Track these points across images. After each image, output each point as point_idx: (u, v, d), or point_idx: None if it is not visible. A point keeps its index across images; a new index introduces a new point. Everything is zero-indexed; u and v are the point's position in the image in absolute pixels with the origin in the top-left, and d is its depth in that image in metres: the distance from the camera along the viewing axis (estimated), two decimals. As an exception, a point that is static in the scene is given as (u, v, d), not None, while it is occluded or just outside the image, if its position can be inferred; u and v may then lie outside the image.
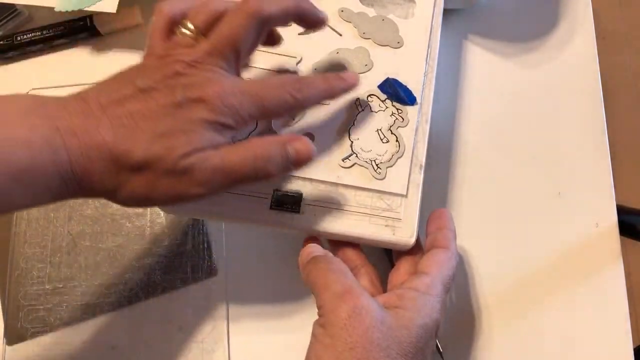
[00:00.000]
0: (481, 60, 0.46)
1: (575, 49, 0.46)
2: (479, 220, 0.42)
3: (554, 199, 0.42)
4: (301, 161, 0.30)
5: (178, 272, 0.41)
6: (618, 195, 0.42)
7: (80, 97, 0.29)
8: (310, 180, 0.35)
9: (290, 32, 0.38)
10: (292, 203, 0.34)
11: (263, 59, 0.38)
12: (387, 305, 0.31)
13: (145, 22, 0.48)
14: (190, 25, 0.30)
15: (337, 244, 0.36)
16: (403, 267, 0.35)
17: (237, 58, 0.30)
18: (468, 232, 0.41)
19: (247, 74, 0.37)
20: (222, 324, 0.40)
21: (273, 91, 0.30)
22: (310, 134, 0.36)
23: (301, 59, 0.38)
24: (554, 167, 0.43)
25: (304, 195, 0.35)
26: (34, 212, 0.42)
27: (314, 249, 0.34)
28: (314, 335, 0.30)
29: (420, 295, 0.31)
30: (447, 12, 0.41)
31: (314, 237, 0.35)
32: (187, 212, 0.36)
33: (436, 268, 0.32)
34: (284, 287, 0.40)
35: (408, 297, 0.31)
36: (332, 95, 0.33)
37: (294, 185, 0.35)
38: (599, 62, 0.45)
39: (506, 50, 0.46)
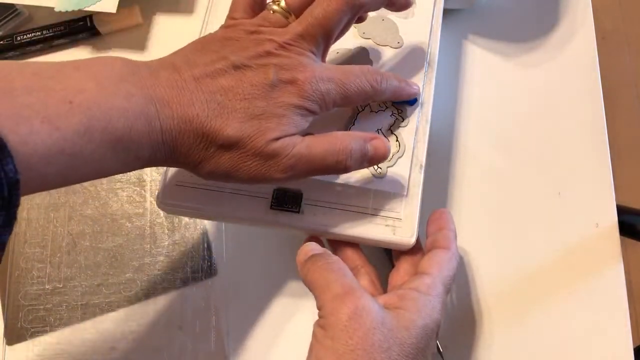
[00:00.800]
0: (481, 60, 0.46)
1: (575, 49, 0.46)
2: (478, 220, 0.42)
3: (554, 199, 0.42)
4: (377, 159, 0.32)
5: (178, 272, 0.41)
6: (618, 195, 0.42)
7: (173, 67, 0.29)
8: (311, 180, 0.35)
9: None
10: (292, 203, 0.34)
11: None
12: (388, 305, 0.30)
13: (146, 22, 0.48)
14: (283, 3, 0.30)
15: (337, 243, 0.36)
16: (403, 268, 0.35)
17: (327, 44, 0.31)
18: (468, 232, 0.41)
19: None
20: (222, 324, 0.40)
21: (355, 79, 0.31)
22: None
23: None
24: (554, 167, 0.43)
25: (304, 194, 0.35)
26: (34, 212, 0.42)
27: (313, 247, 0.34)
28: (314, 336, 0.30)
29: (421, 295, 0.31)
30: (447, 12, 0.41)
31: (315, 237, 0.35)
32: (188, 212, 0.36)
33: (437, 268, 0.32)
34: (284, 287, 0.40)
35: (409, 297, 0.31)
36: (400, 95, 0.34)
37: (294, 185, 0.35)
38: (599, 62, 0.45)
39: (506, 50, 0.46)
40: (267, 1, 0.32)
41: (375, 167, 0.35)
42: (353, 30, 0.39)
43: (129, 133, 0.26)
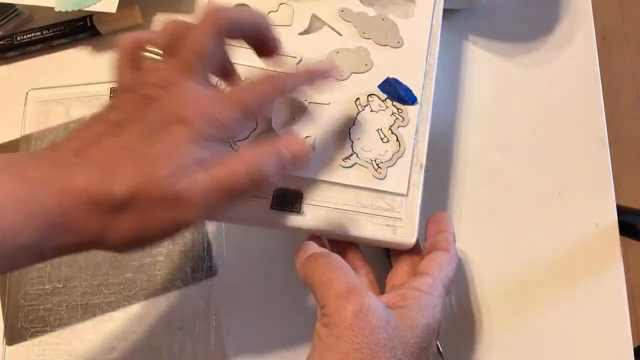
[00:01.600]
0: (481, 60, 0.46)
1: (575, 49, 0.46)
2: (478, 220, 0.42)
3: (554, 199, 0.42)
4: (298, 162, 0.29)
5: (178, 272, 0.41)
6: (618, 195, 0.42)
7: (53, 146, 0.27)
8: (311, 180, 0.35)
9: (290, 32, 0.38)
10: (292, 203, 0.34)
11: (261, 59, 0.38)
12: (390, 305, 0.30)
13: (145, 22, 0.48)
14: (155, 49, 0.29)
15: (336, 244, 0.36)
16: (401, 269, 0.35)
17: (208, 69, 0.29)
18: (468, 232, 0.41)
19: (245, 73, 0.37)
20: (222, 324, 0.40)
21: (251, 90, 0.30)
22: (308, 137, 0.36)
23: (301, 59, 0.38)
24: (554, 167, 0.43)
25: (304, 195, 0.35)
26: (34, 212, 0.42)
27: (312, 246, 0.34)
28: (317, 335, 0.30)
29: (423, 295, 0.31)
30: (447, 12, 0.41)
31: (316, 237, 0.35)
32: None
33: (437, 269, 0.32)
34: (283, 287, 0.40)
35: (411, 297, 0.31)
36: (314, 79, 0.32)
37: (294, 185, 0.35)
38: (599, 62, 0.45)
39: (506, 50, 0.46)
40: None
41: (376, 167, 0.35)
42: (353, 29, 0.39)
43: (1, 222, 0.24)
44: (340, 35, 0.39)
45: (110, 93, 0.45)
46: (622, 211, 0.42)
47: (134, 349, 0.39)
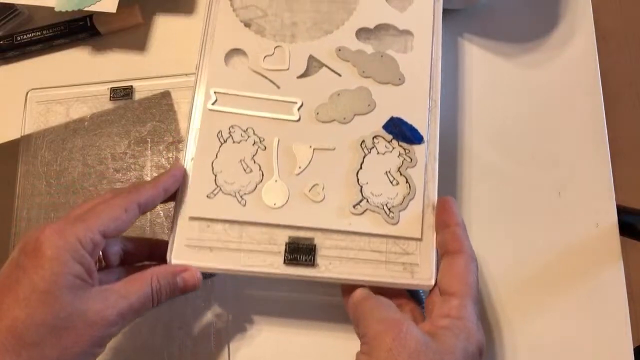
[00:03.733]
0: (481, 60, 0.46)
1: (575, 49, 0.46)
2: (478, 220, 0.42)
3: (554, 199, 0.42)
4: (188, 290, 0.33)
5: (178, 272, 0.41)
6: (618, 195, 0.42)
7: None
8: (323, 230, 0.34)
9: (288, 76, 0.38)
10: (306, 256, 0.34)
11: (264, 106, 0.37)
12: (427, 332, 0.30)
13: (146, 22, 0.48)
14: None
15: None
16: (434, 293, 0.34)
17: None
18: (467, 232, 0.41)
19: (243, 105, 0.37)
20: (222, 324, 0.39)
21: (106, 208, 0.31)
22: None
23: (302, 104, 0.37)
24: (554, 167, 0.43)
25: (317, 246, 0.34)
26: (34, 211, 0.42)
27: (366, 291, 0.34)
28: None
29: (454, 321, 0.31)
30: (447, 12, 0.41)
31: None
32: (202, 269, 0.35)
33: (459, 284, 0.32)
34: (284, 286, 0.40)
35: (443, 325, 0.31)
36: (168, 187, 0.34)
37: (306, 235, 0.34)
38: (599, 62, 0.45)
39: (506, 50, 0.46)
40: None
41: (387, 212, 0.35)
42: (352, 69, 0.38)
43: None
44: (340, 75, 0.38)
45: (112, 94, 0.45)
46: (622, 211, 0.42)
47: (133, 349, 0.39)
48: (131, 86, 0.45)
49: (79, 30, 0.46)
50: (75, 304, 0.29)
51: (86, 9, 0.44)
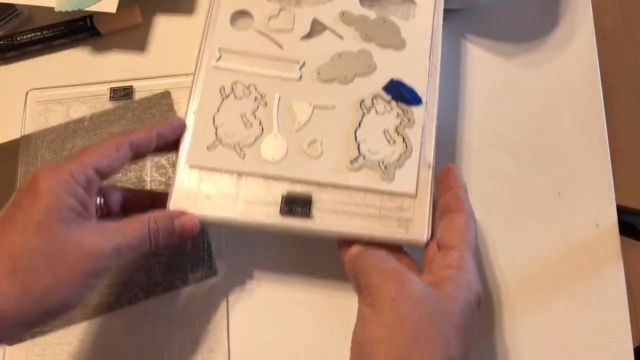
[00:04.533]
0: (481, 60, 0.46)
1: (575, 49, 0.46)
2: (478, 220, 0.42)
3: (554, 199, 0.42)
4: (186, 234, 0.34)
5: (178, 272, 0.41)
6: (618, 195, 0.42)
7: None
8: (319, 184, 0.35)
9: (292, 37, 0.38)
10: (302, 208, 0.34)
11: (267, 64, 0.38)
12: (428, 284, 0.31)
13: (146, 22, 0.48)
14: None
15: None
16: (431, 247, 0.35)
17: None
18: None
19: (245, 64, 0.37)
20: (222, 324, 0.40)
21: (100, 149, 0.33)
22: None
23: (304, 63, 0.38)
24: (554, 167, 0.43)
25: (313, 198, 0.35)
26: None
27: (360, 246, 0.34)
28: (360, 315, 0.31)
29: (455, 271, 0.31)
30: (447, 12, 0.41)
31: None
32: (200, 217, 0.35)
33: (459, 239, 0.32)
34: (283, 287, 0.40)
35: (444, 275, 0.31)
36: (159, 136, 0.35)
37: (302, 189, 0.35)
38: (599, 62, 0.45)
39: (506, 50, 0.46)
40: None
41: (383, 168, 0.35)
42: (354, 33, 0.39)
43: None
44: (342, 38, 0.39)
45: (112, 94, 0.45)
46: (622, 211, 0.42)
47: (133, 349, 0.39)
48: (131, 86, 0.45)
49: (79, 30, 0.46)
50: (70, 234, 0.30)
51: (86, 9, 0.44)
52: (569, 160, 0.43)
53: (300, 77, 0.38)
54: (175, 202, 0.35)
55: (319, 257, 0.40)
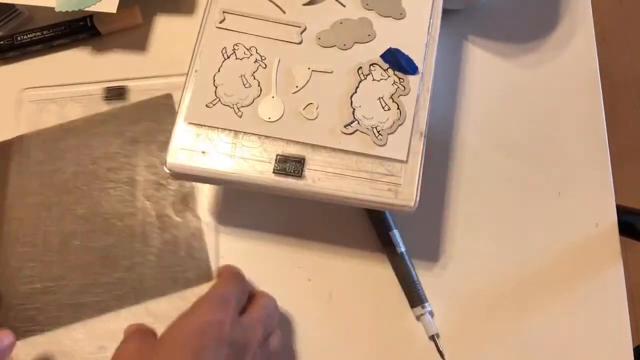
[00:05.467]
0: (481, 60, 0.46)
1: (575, 49, 0.46)
2: (478, 220, 0.42)
3: (554, 199, 0.42)
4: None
5: (168, 271, 0.40)
6: (618, 195, 0.42)
7: None
8: (313, 145, 0.36)
9: (294, 2, 0.39)
10: (294, 168, 0.35)
11: (268, 28, 0.39)
12: None
13: (146, 22, 0.48)
14: None
15: None
16: None
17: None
18: (467, 232, 0.41)
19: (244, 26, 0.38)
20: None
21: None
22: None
23: (305, 28, 0.39)
24: (554, 167, 0.43)
25: (306, 160, 0.35)
26: (26, 211, 0.42)
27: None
28: None
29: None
30: (447, 12, 0.41)
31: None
32: (194, 177, 0.37)
33: None
34: (278, 291, 0.40)
35: None
36: None
37: (296, 150, 0.36)
38: (599, 62, 0.45)
39: (506, 50, 0.46)
40: None
41: (376, 133, 0.36)
42: (356, 1, 0.39)
43: None
44: (344, 6, 0.39)
45: (106, 93, 0.45)
46: (622, 211, 0.42)
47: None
48: (124, 86, 0.45)
49: (79, 30, 0.46)
50: None
51: (86, 9, 0.44)
52: (569, 160, 0.43)
53: (301, 41, 0.38)
54: (171, 157, 0.36)
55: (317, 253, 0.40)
